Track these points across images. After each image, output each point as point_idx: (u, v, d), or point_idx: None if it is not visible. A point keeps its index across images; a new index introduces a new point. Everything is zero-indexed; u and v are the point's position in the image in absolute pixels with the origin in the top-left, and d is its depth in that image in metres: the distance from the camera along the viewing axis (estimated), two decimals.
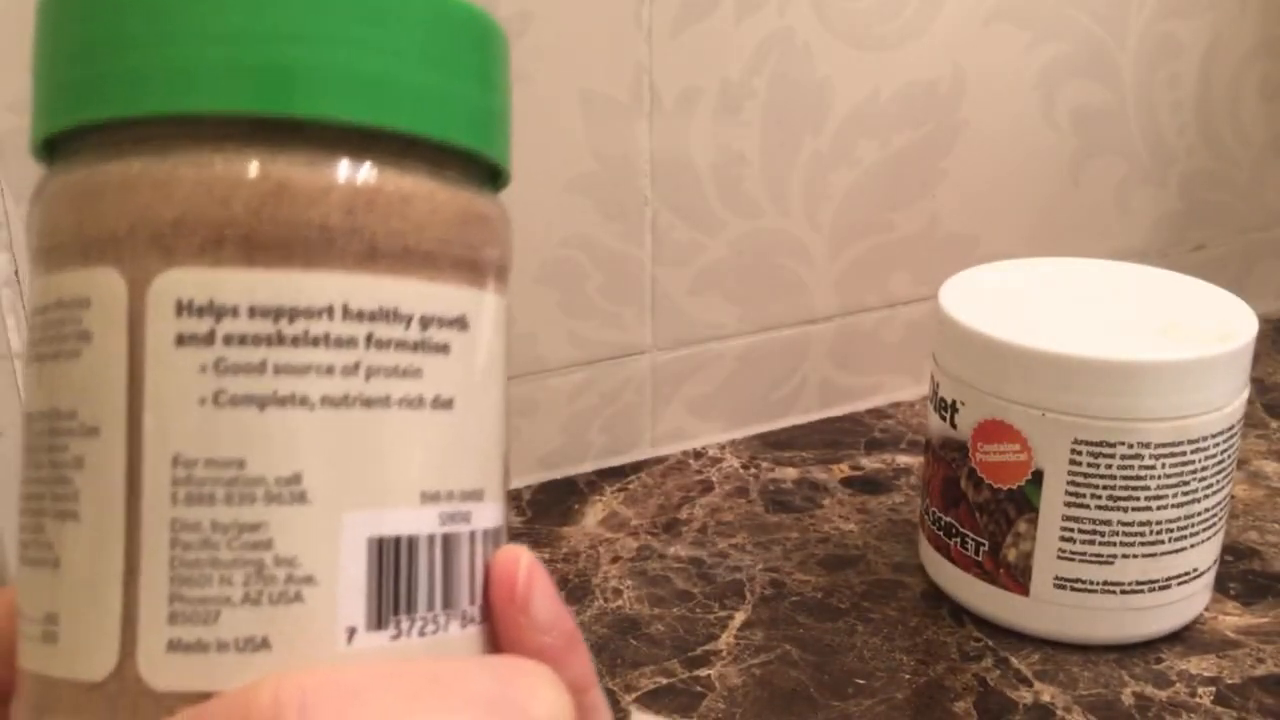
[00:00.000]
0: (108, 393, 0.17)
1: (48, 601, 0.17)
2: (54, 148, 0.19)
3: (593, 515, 0.53)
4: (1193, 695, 0.41)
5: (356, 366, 0.17)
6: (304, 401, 0.17)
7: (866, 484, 0.56)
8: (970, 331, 0.42)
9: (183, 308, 0.16)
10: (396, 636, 0.17)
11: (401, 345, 0.18)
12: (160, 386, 0.16)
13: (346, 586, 0.17)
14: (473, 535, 0.18)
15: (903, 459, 0.58)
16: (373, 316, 0.17)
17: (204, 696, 0.16)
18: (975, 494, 0.43)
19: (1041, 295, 0.45)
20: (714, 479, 0.57)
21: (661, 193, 0.54)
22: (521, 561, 0.18)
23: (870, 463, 0.58)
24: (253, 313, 0.17)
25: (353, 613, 0.17)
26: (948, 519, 0.45)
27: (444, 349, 0.18)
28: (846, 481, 0.56)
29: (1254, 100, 0.70)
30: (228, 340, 0.16)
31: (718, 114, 0.54)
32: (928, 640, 0.44)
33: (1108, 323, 0.43)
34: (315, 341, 0.17)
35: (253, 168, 0.16)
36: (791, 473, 0.57)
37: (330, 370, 0.17)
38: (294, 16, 0.17)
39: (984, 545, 0.43)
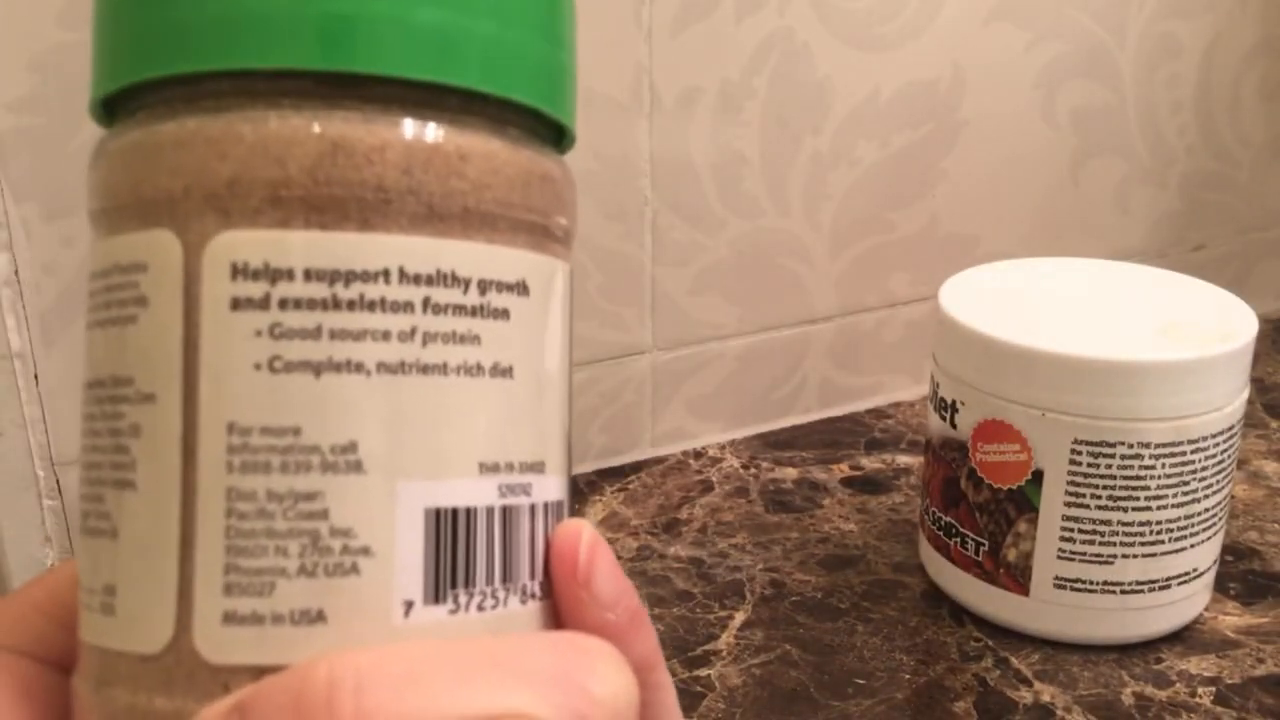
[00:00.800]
0: (163, 358, 0.16)
1: (106, 573, 0.17)
2: (112, 109, 0.18)
3: (593, 515, 0.53)
4: (1193, 695, 0.41)
5: (413, 332, 0.16)
6: (360, 368, 0.16)
7: (866, 484, 0.56)
8: (970, 331, 0.42)
9: (238, 271, 0.16)
10: (454, 611, 0.16)
11: (460, 310, 0.17)
12: (215, 352, 0.16)
13: (403, 559, 0.16)
14: (533, 508, 0.17)
15: (903, 459, 0.58)
16: (430, 280, 0.16)
17: (260, 670, 0.15)
18: (975, 494, 0.43)
19: (1041, 295, 0.45)
20: (714, 479, 0.57)
21: (661, 193, 0.54)
22: (584, 535, 0.18)
23: (870, 463, 0.58)
24: (308, 276, 0.16)
25: (409, 586, 0.16)
26: (948, 519, 0.45)
27: (504, 314, 0.17)
28: (846, 481, 0.56)
29: (1254, 100, 0.70)
30: (283, 304, 0.16)
31: (718, 114, 0.54)
32: (928, 640, 0.44)
33: (1108, 323, 0.43)
34: (371, 306, 0.16)
35: (308, 126, 0.16)
36: (791, 473, 0.57)
37: (386, 335, 0.16)
38: None
39: (984, 545, 0.43)
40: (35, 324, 0.44)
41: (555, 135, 0.19)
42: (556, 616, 0.18)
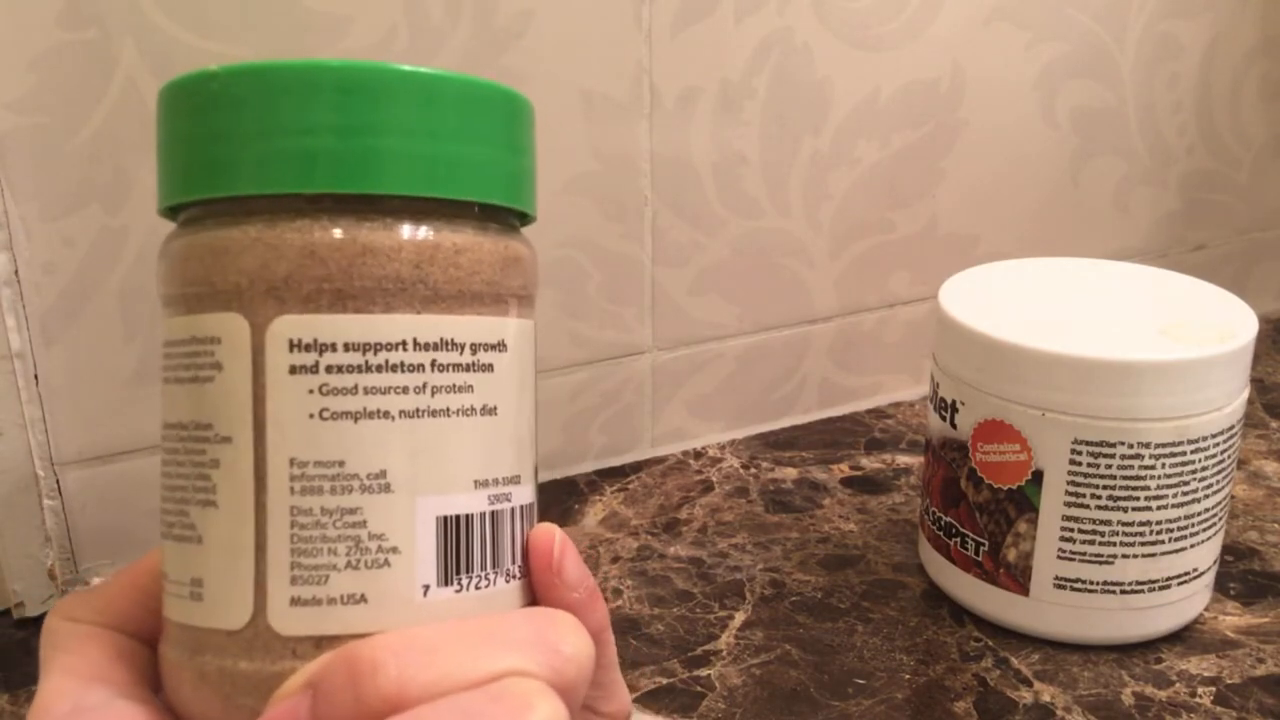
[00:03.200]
0: (238, 410, 0.22)
1: (194, 569, 0.22)
2: (175, 211, 0.24)
3: (593, 515, 0.53)
4: (1193, 695, 0.41)
5: (424, 386, 0.22)
6: (386, 415, 0.22)
7: (866, 484, 0.56)
8: (970, 331, 0.42)
9: (293, 345, 0.22)
10: (459, 590, 0.22)
11: (458, 367, 0.23)
12: (279, 406, 0.22)
13: (422, 554, 0.22)
14: (513, 511, 0.23)
15: (903, 459, 0.58)
16: (435, 347, 0.22)
17: (319, 639, 0.21)
18: (975, 494, 0.43)
19: (1041, 295, 0.45)
20: (714, 479, 0.57)
21: (661, 193, 0.54)
22: (556, 536, 0.24)
23: (870, 463, 0.58)
24: (346, 348, 0.22)
25: (427, 574, 0.22)
26: (948, 519, 0.45)
27: (490, 368, 0.23)
28: (846, 481, 0.56)
29: (1254, 100, 0.70)
30: (328, 370, 0.22)
31: (718, 114, 0.54)
32: (928, 640, 0.44)
33: (1108, 323, 0.43)
34: (393, 368, 0.22)
35: (344, 235, 0.22)
36: (791, 473, 0.57)
37: (405, 390, 0.22)
38: (364, 112, 0.22)
39: (984, 545, 0.43)
40: (35, 324, 0.44)
41: (521, 219, 0.25)
42: (531, 593, 0.24)
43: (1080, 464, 0.40)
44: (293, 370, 0.22)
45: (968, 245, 0.64)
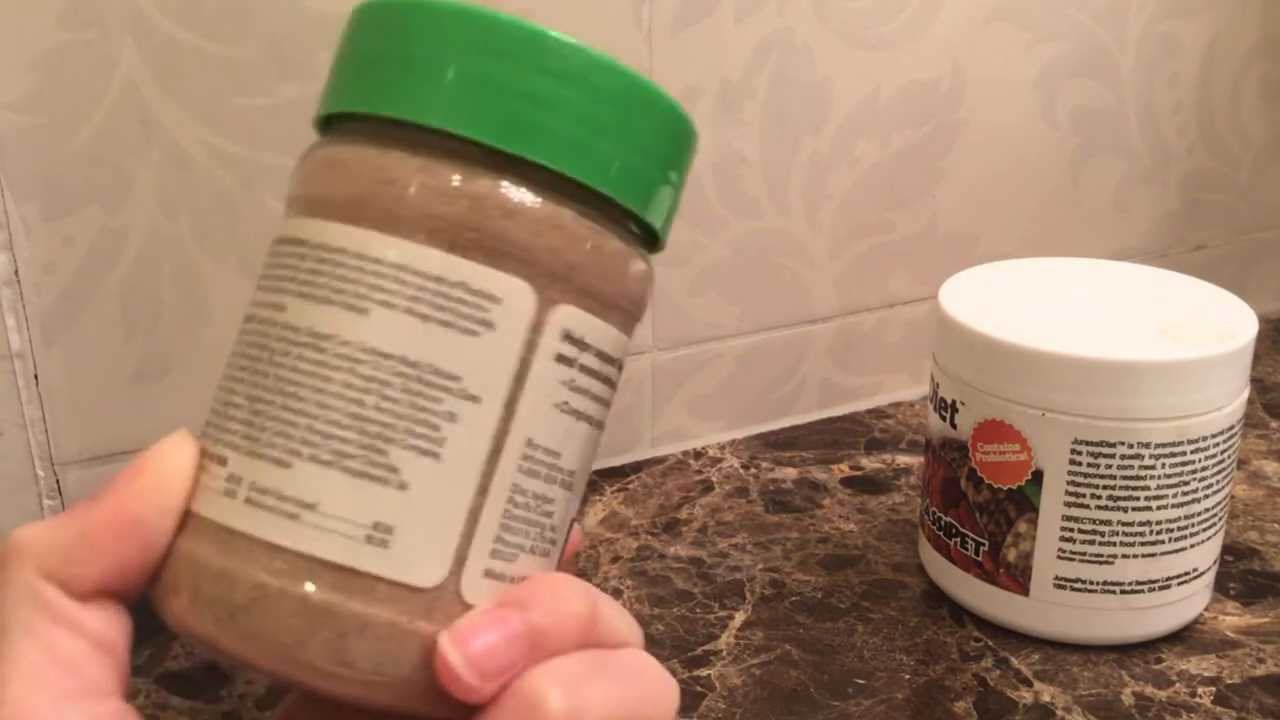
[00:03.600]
0: (497, 374, 0.22)
1: (381, 512, 0.21)
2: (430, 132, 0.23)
3: (592, 515, 0.53)
4: (1193, 695, 0.41)
5: (605, 399, 0.24)
6: (590, 420, 0.24)
7: (866, 484, 0.56)
8: (970, 331, 0.42)
9: (566, 335, 0.23)
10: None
11: (608, 383, 0.25)
12: (535, 387, 0.22)
13: (561, 547, 0.24)
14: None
15: (903, 459, 0.58)
16: (616, 362, 0.25)
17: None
18: (975, 494, 0.43)
19: (1041, 295, 0.45)
20: (714, 479, 0.57)
21: None
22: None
23: (870, 463, 0.58)
24: (598, 354, 0.23)
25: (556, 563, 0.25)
26: (948, 519, 0.45)
27: (614, 383, 0.25)
28: (846, 481, 0.56)
29: (1254, 100, 0.70)
30: (581, 368, 0.23)
31: (718, 114, 0.54)
32: (928, 640, 0.44)
33: (1108, 323, 0.43)
34: (604, 380, 0.24)
35: (642, 266, 0.24)
36: (791, 473, 0.57)
37: (599, 400, 0.24)
38: (673, 158, 0.26)
39: (984, 545, 0.43)
40: (35, 324, 0.44)
41: (651, 241, 0.26)
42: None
43: (1080, 464, 0.40)
44: (559, 359, 0.23)
45: (968, 245, 0.64)
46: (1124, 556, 0.41)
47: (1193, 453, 0.40)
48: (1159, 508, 0.41)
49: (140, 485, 0.22)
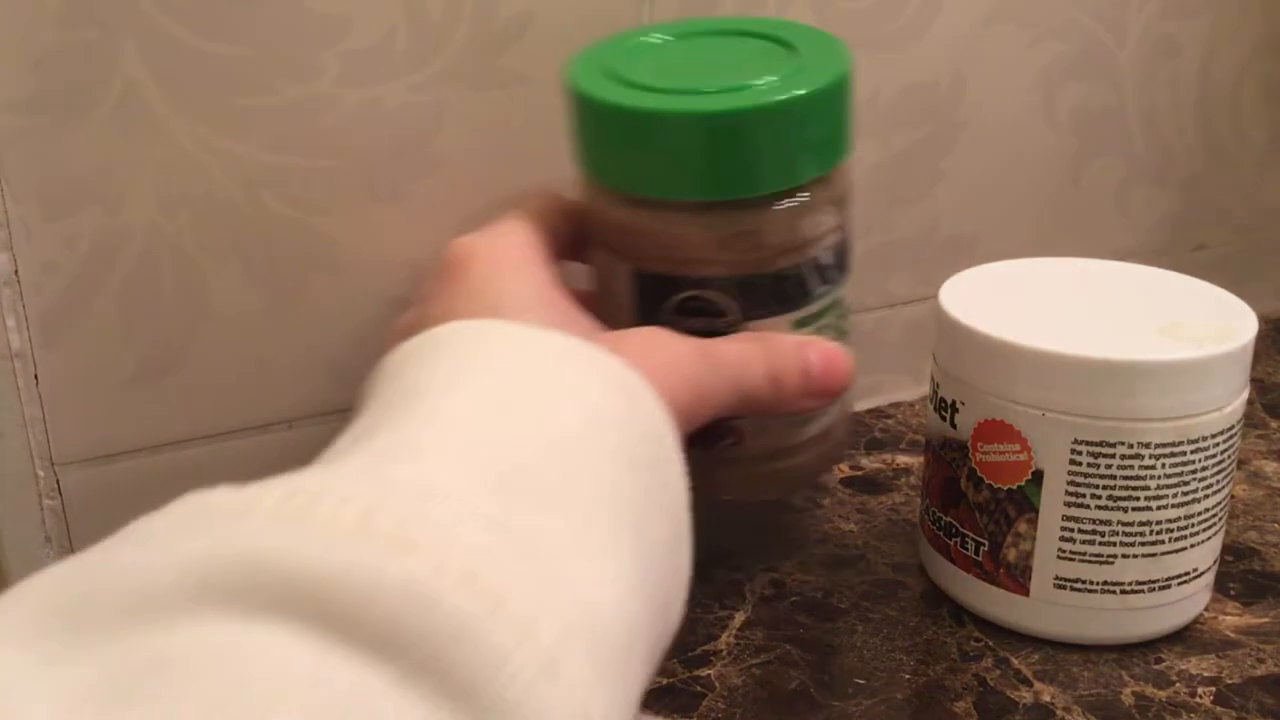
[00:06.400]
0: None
1: None
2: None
3: None
4: (1193, 695, 0.41)
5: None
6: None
7: (866, 484, 0.56)
8: (970, 331, 0.42)
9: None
10: None
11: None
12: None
13: None
14: None
15: (903, 459, 0.58)
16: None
17: None
18: (975, 494, 0.43)
19: (1041, 295, 0.45)
20: None
21: None
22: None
23: (870, 463, 0.58)
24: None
25: None
26: (948, 519, 0.45)
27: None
28: (846, 481, 0.56)
29: (1254, 100, 0.70)
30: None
31: None
32: (928, 640, 0.44)
33: (1108, 323, 0.43)
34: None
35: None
36: None
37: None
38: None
39: (984, 545, 0.43)
40: (35, 324, 0.44)
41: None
42: None
43: (1080, 464, 0.40)
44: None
45: (968, 245, 0.64)
46: (1124, 556, 0.41)
47: (1193, 453, 0.40)
48: (1159, 508, 0.41)
49: None
